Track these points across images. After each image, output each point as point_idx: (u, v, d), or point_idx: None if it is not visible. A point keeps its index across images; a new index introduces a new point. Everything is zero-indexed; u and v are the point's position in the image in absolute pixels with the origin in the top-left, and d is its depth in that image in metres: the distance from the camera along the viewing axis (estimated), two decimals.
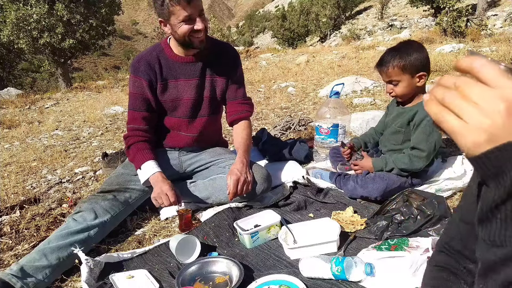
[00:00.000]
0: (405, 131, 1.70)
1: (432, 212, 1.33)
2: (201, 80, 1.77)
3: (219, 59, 1.80)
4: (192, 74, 1.75)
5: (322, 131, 2.14)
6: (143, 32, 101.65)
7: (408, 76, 1.62)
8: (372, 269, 1.12)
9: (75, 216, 1.50)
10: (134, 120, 1.73)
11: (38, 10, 11.13)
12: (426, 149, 1.60)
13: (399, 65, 1.60)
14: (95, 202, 1.57)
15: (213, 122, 1.90)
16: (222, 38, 19.07)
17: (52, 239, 1.40)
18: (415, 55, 1.58)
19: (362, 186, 1.66)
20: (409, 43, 1.67)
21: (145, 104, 1.73)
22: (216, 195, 1.75)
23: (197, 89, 1.76)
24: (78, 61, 53.95)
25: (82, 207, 1.55)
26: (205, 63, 1.76)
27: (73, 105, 5.51)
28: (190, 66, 1.74)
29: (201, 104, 1.80)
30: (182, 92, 1.75)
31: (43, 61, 17.62)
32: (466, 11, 9.13)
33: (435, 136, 1.60)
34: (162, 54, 1.73)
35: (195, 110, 1.80)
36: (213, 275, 1.25)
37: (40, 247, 1.38)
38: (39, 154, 2.94)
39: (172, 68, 1.73)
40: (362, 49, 8.66)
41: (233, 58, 1.85)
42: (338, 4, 24.37)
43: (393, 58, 1.61)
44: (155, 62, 1.71)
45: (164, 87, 1.73)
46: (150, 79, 1.70)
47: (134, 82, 1.72)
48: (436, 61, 4.83)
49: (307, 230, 1.44)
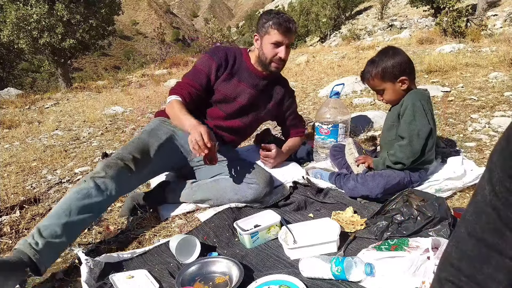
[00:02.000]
0: (396, 125, 1.74)
1: (432, 214, 1.33)
2: (260, 95, 1.96)
3: (282, 88, 2.05)
4: (255, 85, 1.93)
5: (322, 131, 2.14)
6: (143, 32, 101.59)
7: (390, 83, 1.70)
8: (372, 269, 1.12)
9: (98, 181, 1.46)
10: (184, 85, 1.83)
11: (38, 10, 11.13)
12: (407, 137, 1.63)
13: (377, 76, 1.70)
14: (120, 172, 1.52)
15: (243, 132, 2.05)
16: (222, 38, 19.10)
17: (71, 204, 1.38)
18: (390, 62, 1.66)
19: (362, 184, 1.67)
20: (385, 51, 1.74)
21: (202, 80, 1.84)
22: (218, 196, 1.75)
23: (252, 99, 1.93)
24: (78, 61, 53.92)
25: (108, 173, 1.49)
26: (270, 84, 1.99)
27: (73, 105, 5.51)
28: (257, 79, 1.93)
29: (246, 112, 1.95)
30: (239, 93, 1.91)
31: (43, 61, 17.63)
32: (466, 11, 9.13)
33: (417, 124, 1.61)
34: (240, 56, 1.94)
35: (237, 114, 1.93)
36: (213, 275, 1.25)
37: (59, 212, 1.37)
38: (39, 154, 2.94)
39: (242, 70, 1.91)
40: (362, 49, 8.66)
41: (290, 94, 2.11)
42: (338, 4, 24.36)
43: (371, 70, 1.71)
44: (231, 56, 1.90)
45: (227, 78, 1.89)
46: (221, 64, 1.86)
47: (205, 61, 1.88)
48: (436, 61, 4.83)
49: (307, 230, 1.44)
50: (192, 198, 1.79)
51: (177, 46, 69.56)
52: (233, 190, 1.73)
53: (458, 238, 0.57)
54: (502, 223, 0.50)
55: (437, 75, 4.36)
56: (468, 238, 0.54)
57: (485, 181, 0.52)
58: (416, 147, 1.62)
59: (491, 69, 4.39)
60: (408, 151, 1.63)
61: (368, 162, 1.81)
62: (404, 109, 1.66)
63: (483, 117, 2.71)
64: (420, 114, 1.62)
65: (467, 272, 0.54)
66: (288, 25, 1.78)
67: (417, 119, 1.61)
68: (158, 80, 7.26)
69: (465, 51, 5.91)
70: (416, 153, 1.63)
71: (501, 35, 7.93)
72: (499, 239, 0.50)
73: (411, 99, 1.66)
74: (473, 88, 3.59)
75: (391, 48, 1.75)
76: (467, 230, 0.55)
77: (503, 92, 3.28)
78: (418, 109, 1.62)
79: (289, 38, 1.82)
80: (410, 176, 1.69)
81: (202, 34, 18.58)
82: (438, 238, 1.21)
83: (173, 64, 9.90)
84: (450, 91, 3.57)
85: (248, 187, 1.70)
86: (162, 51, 12.91)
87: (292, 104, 2.13)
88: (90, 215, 1.42)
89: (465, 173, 1.75)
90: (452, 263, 0.56)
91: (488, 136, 2.36)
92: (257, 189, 1.69)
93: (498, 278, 0.51)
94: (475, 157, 2.08)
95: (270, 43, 1.81)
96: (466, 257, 0.54)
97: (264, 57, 1.85)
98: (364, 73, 1.77)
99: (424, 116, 1.62)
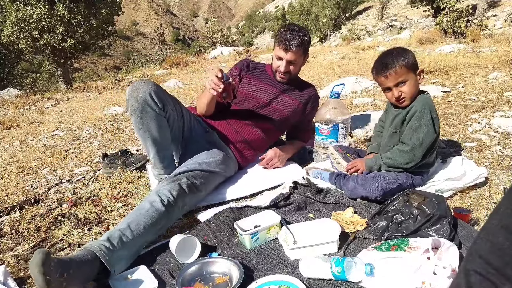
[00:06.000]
0: (399, 131, 1.71)
1: (432, 211, 1.33)
2: (283, 95, 2.12)
3: (308, 92, 2.19)
4: (277, 85, 2.13)
5: (322, 131, 2.14)
6: (143, 32, 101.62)
7: (413, 74, 1.65)
8: (372, 270, 1.12)
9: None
10: None
11: (39, 10, 11.13)
12: (410, 144, 1.61)
13: (404, 64, 1.61)
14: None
15: (272, 132, 2.14)
16: (222, 39, 19.09)
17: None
18: (409, 54, 1.65)
19: (362, 185, 1.66)
20: (394, 48, 1.72)
21: None
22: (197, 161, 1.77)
23: (274, 97, 2.10)
24: (78, 61, 53.92)
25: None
26: (294, 86, 2.15)
27: (73, 106, 5.51)
28: (278, 83, 2.13)
29: (271, 111, 2.08)
30: (261, 92, 2.10)
31: (43, 62, 17.65)
32: (466, 11, 9.13)
33: (422, 131, 1.60)
34: (263, 65, 2.23)
35: (255, 116, 2.05)
36: (213, 276, 1.25)
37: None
38: (39, 155, 2.94)
39: (264, 74, 2.17)
40: (362, 49, 8.67)
41: (314, 99, 2.21)
42: (338, 4, 24.38)
43: (396, 59, 1.63)
44: (253, 64, 2.23)
45: (249, 79, 2.14)
46: (243, 68, 2.19)
47: (231, 70, 2.21)
48: (436, 62, 4.83)
49: (307, 231, 1.44)
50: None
51: (177, 46, 69.53)
52: (206, 154, 1.83)
53: (489, 230, 0.56)
54: None
55: (437, 75, 4.36)
56: (502, 231, 0.53)
57: None
58: (418, 154, 1.61)
59: (491, 69, 4.39)
60: (408, 157, 1.62)
61: (359, 168, 1.79)
62: (411, 115, 1.63)
63: (483, 118, 2.71)
64: (427, 122, 1.60)
65: (496, 265, 0.53)
66: (288, 43, 1.94)
67: (423, 127, 1.59)
68: (158, 80, 7.26)
69: (465, 51, 5.91)
70: (417, 160, 1.62)
71: (501, 35, 7.93)
72: None
73: (420, 106, 1.62)
74: (473, 88, 3.59)
75: (397, 47, 1.73)
76: (501, 222, 0.54)
77: (503, 92, 3.28)
78: (426, 117, 1.60)
79: (290, 56, 1.97)
80: (412, 179, 1.68)
81: (202, 34, 18.56)
82: (438, 238, 1.21)
83: (173, 64, 9.91)
84: (450, 91, 3.57)
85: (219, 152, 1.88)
86: (162, 51, 12.92)
87: (313, 109, 2.23)
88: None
89: (465, 173, 1.75)
90: (481, 254, 0.55)
91: (488, 136, 2.36)
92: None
93: None
94: (475, 157, 2.08)
95: (275, 55, 2.04)
96: (497, 250, 0.53)
97: (272, 67, 2.10)
98: (388, 62, 1.63)
99: (431, 124, 1.60)
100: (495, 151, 2.14)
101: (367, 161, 1.77)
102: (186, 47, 60.16)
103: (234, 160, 1.99)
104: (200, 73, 8.22)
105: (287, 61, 1.98)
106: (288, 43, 1.93)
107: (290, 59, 1.98)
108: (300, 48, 1.97)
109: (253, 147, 2.08)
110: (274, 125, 2.10)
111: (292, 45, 1.93)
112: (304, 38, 1.97)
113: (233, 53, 12.13)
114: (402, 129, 1.70)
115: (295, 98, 2.14)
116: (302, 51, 1.99)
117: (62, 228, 1.66)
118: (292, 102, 2.13)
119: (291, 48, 1.94)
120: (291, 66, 2.02)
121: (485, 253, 0.55)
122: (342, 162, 1.88)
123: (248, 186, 1.93)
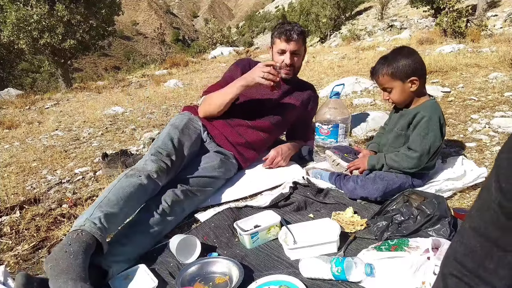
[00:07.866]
0: (405, 134, 1.70)
1: (432, 211, 1.33)
2: (283, 95, 2.11)
3: (308, 92, 2.21)
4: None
5: (322, 131, 2.13)
6: (143, 32, 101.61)
7: (399, 82, 1.66)
8: (372, 270, 1.12)
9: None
10: (215, 88, 2.05)
11: (39, 10, 11.15)
12: (418, 150, 1.60)
13: (387, 73, 1.65)
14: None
15: (273, 132, 2.12)
16: (222, 39, 19.09)
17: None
18: (403, 61, 1.62)
19: (362, 186, 1.66)
20: (399, 49, 1.71)
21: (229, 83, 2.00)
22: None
23: (271, 97, 2.08)
24: (78, 61, 53.85)
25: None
26: (294, 87, 2.15)
27: (73, 106, 5.51)
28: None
29: (272, 111, 2.07)
30: (260, 93, 2.07)
31: (43, 62, 17.65)
32: (466, 11, 9.13)
33: (430, 138, 1.59)
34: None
35: (258, 115, 2.04)
36: (213, 276, 1.25)
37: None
38: (39, 155, 2.94)
39: None
40: (362, 49, 8.67)
41: (314, 99, 2.24)
42: (338, 4, 24.38)
43: (382, 67, 1.68)
44: (254, 64, 2.09)
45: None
46: (244, 68, 2.07)
47: (232, 69, 2.14)
48: (436, 62, 4.83)
49: (307, 231, 1.44)
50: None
51: (177, 46, 69.53)
52: (204, 159, 1.84)
53: (463, 233, 0.57)
54: (506, 219, 0.50)
55: (437, 76, 4.36)
56: (472, 233, 0.55)
57: (491, 178, 0.52)
58: (424, 161, 1.61)
59: (491, 69, 4.39)
60: (414, 164, 1.62)
61: (361, 166, 1.78)
62: (419, 120, 1.62)
63: (483, 118, 2.71)
64: (435, 129, 1.60)
65: (470, 267, 0.55)
66: (289, 33, 1.94)
67: (430, 134, 1.59)
68: (158, 80, 7.26)
69: (465, 52, 5.91)
70: (422, 165, 1.62)
71: (501, 35, 7.94)
72: (503, 235, 0.51)
73: (429, 112, 1.61)
74: (473, 88, 3.59)
75: (406, 47, 1.71)
76: (472, 225, 0.55)
77: (503, 93, 3.28)
78: (434, 124, 1.60)
79: (293, 46, 1.96)
80: (412, 180, 1.68)
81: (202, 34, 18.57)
82: (438, 239, 1.20)
83: (173, 65, 9.91)
84: (450, 91, 3.57)
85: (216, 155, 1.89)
86: (162, 51, 12.92)
87: (313, 109, 2.25)
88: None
89: (465, 173, 1.75)
90: (456, 257, 0.57)
91: (488, 136, 2.36)
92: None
93: (500, 273, 0.51)
94: (475, 158, 2.08)
95: (276, 51, 2.01)
96: (470, 252, 0.55)
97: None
98: (374, 69, 1.73)
99: (439, 131, 1.60)
100: (495, 151, 2.14)
101: (369, 158, 1.76)
102: (186, 47, 60.18)
103: (233, 162, 1.99)
104: (200, 73, 8.22)
105: (291, 52, 1.98)
106: (289, 32, 1.95)
107: (294, 49, 1.98)
108: (301, 37, 1.99)
109: (254, 148, 2.08)
110: (275, 125, 2.10)
111: (293, 34, 1.95)
112: (301, 28, 2.01)
113: (233, 53, 12.13)
114: (407, 132, 1.69)
115: (295, 98, 2.14)
116: (302, 40, 2.01)
117: (62, 228, 1.67)
118: (292, 102, 2.13)
119: (293, 38, 1.95)
120: (295, 57, 2.02)
121: (459, 255, 0.57)
122: (341, 162, 1.88)
123: (248, 186, 1.93)
